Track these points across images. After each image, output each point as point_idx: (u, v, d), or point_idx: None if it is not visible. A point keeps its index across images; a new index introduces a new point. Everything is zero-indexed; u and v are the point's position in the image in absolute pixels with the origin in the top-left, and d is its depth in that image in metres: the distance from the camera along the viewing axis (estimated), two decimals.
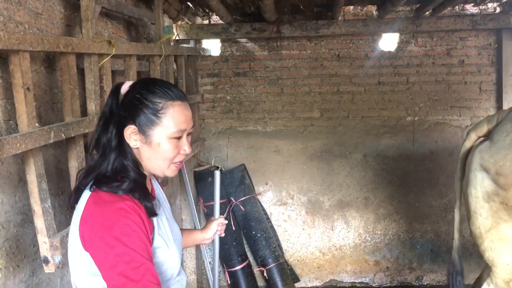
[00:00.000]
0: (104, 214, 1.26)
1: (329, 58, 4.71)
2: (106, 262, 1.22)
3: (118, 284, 1.21)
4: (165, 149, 1.39)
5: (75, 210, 1.36)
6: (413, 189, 4.64)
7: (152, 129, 1.36)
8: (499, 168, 2.39)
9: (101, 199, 1.29)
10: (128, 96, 1.38)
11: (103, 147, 1.37)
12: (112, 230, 1.23)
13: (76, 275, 1.34)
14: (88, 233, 1.26)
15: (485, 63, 4.61)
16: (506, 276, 2.45)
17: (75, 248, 1.31)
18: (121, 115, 1.37)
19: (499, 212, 2.41)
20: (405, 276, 4.71)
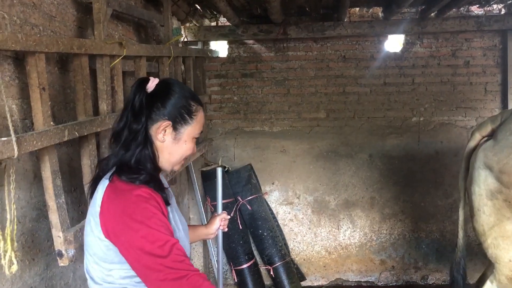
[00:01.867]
0: (124, 202, 1.36)
1: (335, 59, 4.76)
2: (133, 245, 1.32)
3: (148, 263, 1.31)
4: (188, 147, 1.54)
5: (92, 200, 1.44)
6: (419, 189, 4.68)
7: (184, 128, 1.50)
8: (502, 166, 2.43)
9: (118, 189, 1.39)
10: (170, 97, 1.48)
11: (126, 138, 1.45)
12: (134, 215, 1.33)
13: (91, 264, 1.42)
14: (111, 222, 1.35)
15: (490, 64, 4.64)
16: (509, 273, 2.49)
17: (94, 237, 1.39)
18: (155, 110, 1.46)
19: (502, 210, 2.45)
20: (410, 275, 4.74)
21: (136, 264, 1.34)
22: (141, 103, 1.46)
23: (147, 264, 1.32)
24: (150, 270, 1.32)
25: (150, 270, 1.32)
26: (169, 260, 1.32)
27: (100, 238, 1.38)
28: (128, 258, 1.35)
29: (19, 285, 1.90)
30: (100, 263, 1.40)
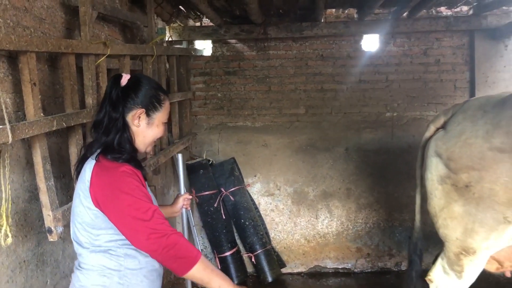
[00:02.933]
0: (112, 177, 1.65)
1: (313, 58, 5.01)
2: (120, 212, 1.61)
3: (135, 227, 1.60)
4: (159, 130, 1.85)
5: (79, 177, 1.71)
6: (392, 180, 4.94)
7: (155, 114, 1.81)
8: (450, 154, 2.70)
9: (105, 167, 1.67)
10: (141, 88, 1.78)
11: (106, 125, 1.74)
12: (120, 187, 1.62)
13: (80, 231, 1.70)
14: (100, 194, 1.64)
15: (459, 62, 4.91)
16: (456, 249, 2.76)
17: (83, 208, 1.66)
18: (130, 100, 1.76)
19: (450, 193, 2.72)
20: (385, 262, 5.02)
21: (124, 228, 1.62)
22: (118, 95, 1.76)
23: (134, 227, 1.60)
24: (136, 232, 1.60)
25: (136, 232, 1.60)
26: (152, 223, 1.60)
27: (90, 208, 1.66)
28: (117, 223, 1.63)
29: (13, 258, 2.14)
30: (89, 229, 1.67)
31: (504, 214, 2.58)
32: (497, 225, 2.62)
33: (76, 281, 1.74)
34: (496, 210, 2.59)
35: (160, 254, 1.61)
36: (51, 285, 2.47)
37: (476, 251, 2.71)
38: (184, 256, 1.62)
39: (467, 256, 2.73)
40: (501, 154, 2.54)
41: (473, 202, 2.64)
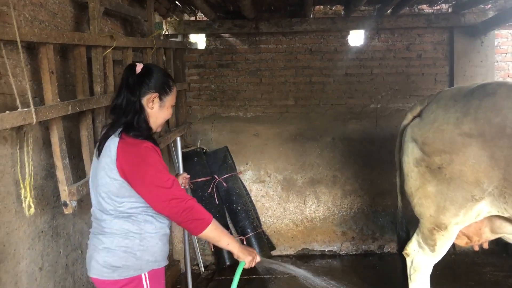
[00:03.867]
0: (137, 151, 1.92)
1: (302, 52, 5.28)
2: (145, 181, 1.89)
3: (158, 193, 1.89)
4: (169, 112, 2.13)
5: (103, 152, 1.97)
6: (376, 168, 5.23)
7: (166, 97, 2.09)
8: (424, 139, 2.99)
9: (129, 143, 1.94)
10: (154, 75, 2.05)
11: (125, 108, 2.01)
12: (144, 159, 1.91)
13: (104, 200, 1.97)
14: (126, 165, 1.91)
15: (440, 57, 5.21)
16: (430, 225, 3.06)
17: (110, 179, 1.93)
18: (144, 87, 2.02)
19: (425, 175, 3.01)
20: (368, 245, 5.33)
21: (148, 195, 1.90)
22: (134, 81, 2.02)
23: (157, 194, 1.89)
24: (159, 198, 1.89)
25: (159, 198, 1.89)
26: (173, 190, 1.90)
27: (116, 179, 1.93)
28: (141, 191, 1.91)
29: (33, 228, 2.39)
30: (114, 198, 1.95)
31: (472, 193, 2.89)
32: (466, 203, 2.92)
33: (98, 244, 2.00)
34: (465, 189, 2.89)
35: (180, 217, 1.91)
36: (63, 255, 2.72)
37: (447, 227, 3.01)
38: (200, 218, 1.93)
39: (440, 231, 3.03)
40: (469, 139, 2.84)
41: (444, 182, 2.94)
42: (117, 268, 1.96)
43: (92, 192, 2.06)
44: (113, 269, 1.96)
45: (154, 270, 2.03)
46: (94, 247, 2.02)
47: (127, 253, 1.96)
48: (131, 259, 1.97)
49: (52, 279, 2.59)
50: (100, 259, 1.97)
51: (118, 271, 1.96)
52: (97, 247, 2.00)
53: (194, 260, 5.25)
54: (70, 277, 2.81)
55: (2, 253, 2.14)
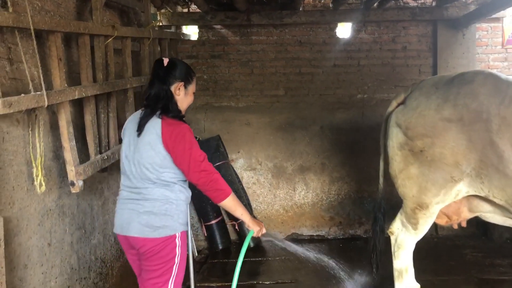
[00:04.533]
0: (178, 129, 2.33)
1: (292, 44, 5.46)
2: (184, 154, 2.30)
3: (192, 165, 2.30)
4: (191, 98, 2.55)
5: (146, 131, 2.35)
6: (362, 155, 5.43)
7: (189, 86, 2.49)
8: (407, 124, 3.20)
9: (170, 122, 2.35)
10: (178, 68, 2.45)
11: (158, 95, 2.39)
12: (184, 137, 2.33)
13: (149, 170, 2.34)
14: (170, 140, 2.30)
15: (424, 49, 5.43)
16: (412, 205, 3.27)
17: (155, 152, 2.32)
18: (171, 78, 2.41)
19: (408, 157, 3.22)
20: (355, 229, 5.56)
21: (185, 165, 2.31)
22: (164, 73, 2.41)
23: (192, 165, 2.30)
24: (193, 169, 2.30)
25: (193, 169, 2.30)
26: (204, 163, 2.34)
27: (161, 152, 2.31)
28: (179, 162, 2.31)
29: (42, 206, 2.54)
30: (157, 168, 2.33)
31: (451, 174, 3.11)
32: (446, 183, 3.14)
33: (139, 208, 2.35)
34: (445, 170, 3.11)
35: (207, 186, 2.33)
36: (69, 233, 2.88)
37: (429, 206, 3.23)
38: (222, 189, 2.37)
39: (421, 210, 3.25)
40: (449, 124, 3.06)
41: (426, 164, 3.15)
42: (158, 228, 2.33)
43: (129, 165, 2.41)
44: (154, 228, 2.33)
45: (183, 231, 2.43)
46: (134, 211, 2.36)
47: (166, 215, 2.35)
48: (169, 221, 2.35)
49: (59, 255, 2.75)
50: (142, 221, 2.33)
51: (158, 231, 2.33)
52: (138, 211, 2.36)
53: None
54: (75, 254, 2.96)
55: (16, 227, 2.30)
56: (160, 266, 2.34)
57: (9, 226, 2.21)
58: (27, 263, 2.40)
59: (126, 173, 2.43)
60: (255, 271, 4.54)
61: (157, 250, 2.32)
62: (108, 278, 3.52)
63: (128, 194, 2.41)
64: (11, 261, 2.24)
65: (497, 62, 5.45)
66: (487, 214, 3.34)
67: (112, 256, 3.61)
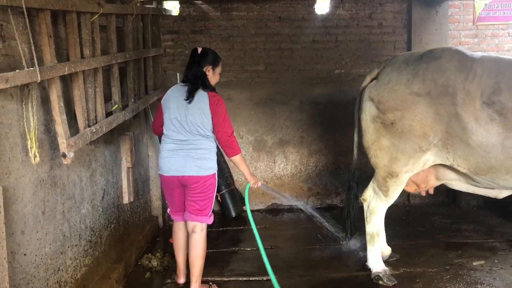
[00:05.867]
0: (220, 100, 3.40)
1: (272, 20, 5.58)
2: (222, 117, 3.36)
3: (224, 125, 3.35)
4: (218, 77, 3.58)
5: (197, 99, 3.35)
6: (339, 129, 5.66)
7: (216, 68, 3.52)
8: (379, 98, 3.41)
9: (213, 94, 3.40)
10: (209, 55, 3.49)
11: (196, 75, 3.41)
12: (223, 106, 3.39)
13: (201, 127, 3.34)
14: (213, 106, 3.33)
15: (399, 26, 5.62)
16: (384, 174, 3.52)
17: (205, 115, 3.33)
18: (204, 62, 3.44)
19: (380, 130, 3.44)
20: (332, 199, 5.83)
21: (220, 126, 3.34)
22: (198, 59, 3.44)
23: (225, 129, 3.36)
24: (224, 128, 3.35)
25: (224, 128, 3.36)
26: (230, 125, 3.42)
27: (209, 114, 3.32)
28: (218, 123, 3.33)
29: (36, 176, 2.68)
30: (206, 126, 3.34)
31: (419, 145, 3.34)
32: (415, 153, 3.38)
33: (194, 155, 3.34)
34: (413, 141, 3.35)
35: (226, 142, 3.39)
36: (60, 203, 3.03)
37: (399, 174, 3.47)
38: (235, 148, 3.45)
39: (392, 178, 3.49)
40: (418, 97, 3.28)
41: (396, 136, 3.38)
42: (207, 168, 3.38)
43: (180, 124, 3.36)
44: (205, 168, 3.37)
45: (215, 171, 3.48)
46: (189, 157, 3.35)
47: (211, 159, 3.42)
48: (213, 163, 3.43)
49: (52, 223, 2.91)
50: (198, 163, 3.35)
51: (208, 170, 3.39)
52: (193, 157, 3.35)
53: None
54: (67, 222, 3.12)
55: (13, 196, 2.44)
56: (205, 194, 3.41)
57: (7, 195, 2.35)
58: (24, 230, 2.56)
59: (176, 130, 3.37)
60: (237, 239, 4.77)
61: (207, 183, 3.38)
62: (97, 246, 3.69)
63: (178, 146, 3.38)
64: (10, 227, 2.39)
65: (468, 39, 5.68)
66: (453, 181, 3.61)
67: (100, 225, 3.77)
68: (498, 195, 3.57)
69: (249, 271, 4.02)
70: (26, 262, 2.57)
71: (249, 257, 4.32)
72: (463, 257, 4.11)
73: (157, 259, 4.37)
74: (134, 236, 4.67)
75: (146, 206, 5.25)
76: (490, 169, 3.24)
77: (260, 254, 3.98)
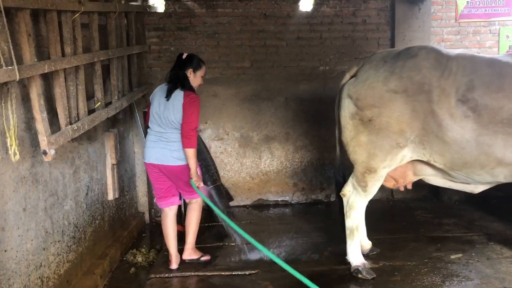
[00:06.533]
0: (193, 98, 3.76)
1: (257, 16, 5.62)
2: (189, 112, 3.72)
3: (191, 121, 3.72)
4: (199, 80, 3.96)
5: (173, 98, 3.76)
6: (324, 125, 5.72)
7: (198, 72, 3.92)
8: (358, 95, 3.47)
9: (188, 93, 3.77)
10: (192, 60, 3.91)
11: (178, 76, 3.81)
12: (194, 104, 3.75)
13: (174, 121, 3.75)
14: (186, 103, 3.72)
15: (383, 23, 5.69)
16: (362, 170, 3.59)
17: (178, 110, 3.73)
18: (186, 66, 3.85)
19: (358, 126, 3.51)
20: (317, 194, 5.90)
21: (187, 119, 3.69)
22: (181, 63, 3.86)
23: (188, 123, 3.69)
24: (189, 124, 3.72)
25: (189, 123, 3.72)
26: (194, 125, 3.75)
27: (181, 111, 3.68)
28: (185, 117, 3.69)
29: (16, 173, 2.72)
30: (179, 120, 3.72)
31: (397, 141, 3.42)
32: (392, 149, 3.45)
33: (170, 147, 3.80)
34: (391, 138, 3.42)
35: (187, 134, 3.71)
36: (42, 199, 3.07)
37: (377, 170, 3.54)
38: (193, 142, 3.74)
39: (370, 174, 3.57)
40: (395, 95, 3.34)
41: (374, 133, 3.45)
42: (182, 159, 3.81)
43: (159, 118, 3.81)
44: (180, 158, 3.81)
45: None
46: (166, 149, 3.80)
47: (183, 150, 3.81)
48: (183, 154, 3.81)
49: (34, 219, 2.95)
50: (174, 155, 3.81)
51: (183, 160, 3.81)
52: (170, 149, 3.80)
53: (158, 212, 5.67)
54: (49, 219, 3.16)
55: None
56: (187, 179, 3.86)
57: None
58: (4, 226, 2.60)
59: (157, 123, 3.83)
60: (222, 234, 4.82)
61: (185, 171, 3.83)
62: (81, 242, 3.74)
63: (157, 138, 3.84)
64: None
65: (450, 35, 5.77)
66: (430, 177, 3.69)
67: (84, 221, 3.82)
68: (474, 190, 3.66)
69: (233, 265, 4.09)
70: (6, 258, 2.61)
71: (234, 252, 4.38)
72: (442, 250, 4.20)
73: (142, 255, 4.43)
74: (120, 232, 4.71)
75: (132, 202, 5.29)
76: (465, 164, 3.32)
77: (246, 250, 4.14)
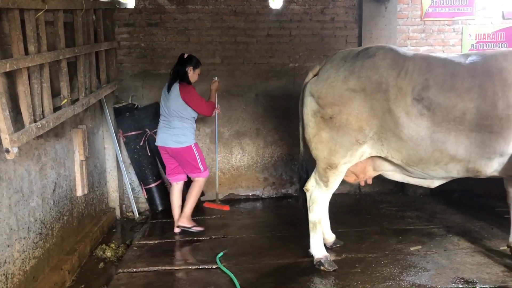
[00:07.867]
0: (188, 88, 4.58)
1: (227, 13, 5.68)
2: (195, 103, 4.59)
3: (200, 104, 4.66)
4: (197, 76, 4.73)
5: (172, 89, 4.60)
6: (294, 121, 5.74)
7: (196, 69, 4.69)
8: (319, 93, 3.58)
9: (185, 85, 4.59)
10: (192, 59, 4.66)
11: (179, 72, 4.60)
12: (191, 92, 4.61)
13: (175, 111, 4.57)
14: (186, 96, 4.55)
15: (351, 20, 5.81)
16: (324, 165, 3.70)
17: (179, 104, 4.55)
18: (187, 64, 4.62)
19: (320, 124, 3.62)
20: (287, 188, 6.03)
21: (197, 107, 4.61)
22: (183, 61, 4.62)
23: (201, 106, 4.65)
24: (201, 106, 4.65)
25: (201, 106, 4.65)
26: (207, 104, 4.74)
27: (182, 103, 4.53)
28: (194, 107, 4.58)
29: None
30: (179, 110, 4.57)
31: (356, 138, 3.54)
32: (352, 146, 3.57)
33: (171, 132, 4.60)
34: (350, 135, 3.54)
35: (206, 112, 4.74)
36: (6, 197, 3.10)
37: (338, 166, 3.66)
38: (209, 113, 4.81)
39: (331, 169, 3.69)
40: (354, 93, 3.46)
41: (335, 130, 3.56)
42: (181, 142, 4.58)
43: (164, 108, 4.64)
44: (179, 142, 4.58)
45: (195, 143, 4.70)
46: (168, 134, 4.60)
47: (185, 135, 4.60)
48: (186, 138, 4.60)
49: None
50: (174, 139, 4.58)
51: (182, 144, 4.59)
52: (171, 134, 4.58)
53: (129, 208, 5.72)
54: (14, 216, 3.19)
55: None
56: (187, 160, 4.66)
57: None
58: None
59: (163, 112, 4.65)
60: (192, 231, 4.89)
61: (184, 153, 4.61)
62: (48, 238, 3.77)
63: (163, 124, 4.64)
64: None
65: (416, 34, 5.93)
66: (389, 172, 3.84)
67: (52, 218, 3.85)
68: (431, 184, 3.82)
69: (200, 259, 4.17)
70: None
71: (203, 247, 4.47)
72: (403, 242, 4.36)
73: (111, 250, 4.48)
74: (90, 227, 4.75)
75: (102, 198, 5.32)
76: (420, 160, 3.47)
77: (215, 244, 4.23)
